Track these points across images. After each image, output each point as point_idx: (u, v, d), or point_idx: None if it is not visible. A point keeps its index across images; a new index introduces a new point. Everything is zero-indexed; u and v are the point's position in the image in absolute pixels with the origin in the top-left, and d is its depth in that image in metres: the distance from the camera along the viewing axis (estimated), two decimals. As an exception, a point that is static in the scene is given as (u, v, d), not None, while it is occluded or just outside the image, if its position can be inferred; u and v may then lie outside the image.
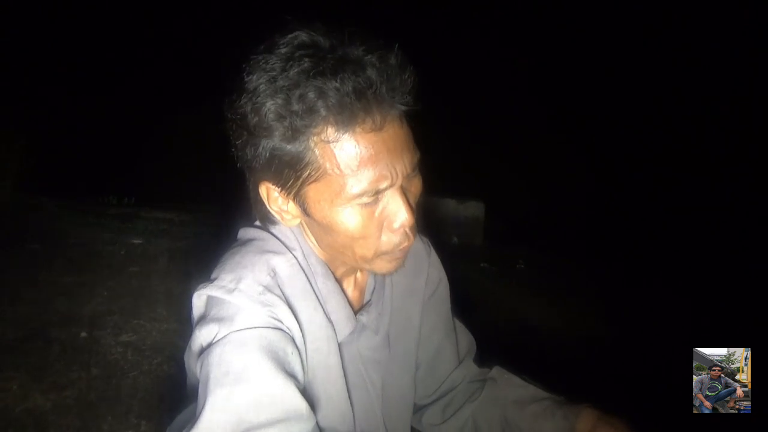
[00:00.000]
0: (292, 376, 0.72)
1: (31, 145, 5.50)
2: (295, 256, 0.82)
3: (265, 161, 0.73)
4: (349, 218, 0.74)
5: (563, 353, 2.84)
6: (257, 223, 0.88)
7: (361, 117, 0.69)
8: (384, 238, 0.77)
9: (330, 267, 0.86)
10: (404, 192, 0.75)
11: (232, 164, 0.81)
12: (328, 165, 0.71)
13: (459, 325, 1.11)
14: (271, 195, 0.79)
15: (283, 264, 0.81)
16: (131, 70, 7.49)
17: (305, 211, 0.77)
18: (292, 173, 0.73)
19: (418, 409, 1.10)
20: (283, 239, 0.84)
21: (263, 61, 0.70)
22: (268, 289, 0.76)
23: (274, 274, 0.79)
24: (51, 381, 2.41)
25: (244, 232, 0.88)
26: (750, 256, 4.00)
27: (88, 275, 3.59)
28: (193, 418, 0.68)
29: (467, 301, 1.15)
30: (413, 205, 0.77)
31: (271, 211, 0.80)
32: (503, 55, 7.30)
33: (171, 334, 2.92)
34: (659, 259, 4.39)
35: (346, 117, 0.68)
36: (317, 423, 0.75)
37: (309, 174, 0.72)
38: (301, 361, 0.77)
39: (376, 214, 0.75)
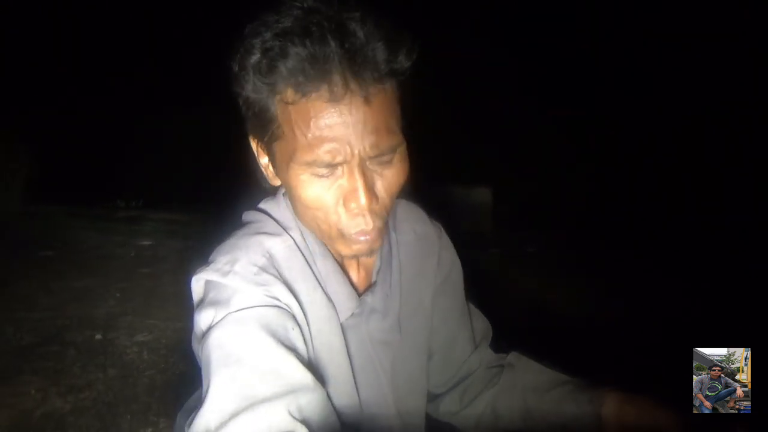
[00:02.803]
0: (294, 350, 0.72)
1: (37, 154, 5.55)
2: (292, 237, 0.82)
3: (245, 112, 0.75)
4: (303, 185, 0.73)
5: (575, 337, 2.83)
6: (260, 205, 0.88)
7: (317, 84, 0.67)
8: (341, 215, 0.74)
9: (330, 247, 0.84)
10: (365, 173, 0.72)
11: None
12: (286, 125, 0.71)
13: (474, 309, 1.08)
14: (257, 148, 0.81)
15: (278, 245, 0.80)
16: (134, 75, 7.49)
17: (277, 171, 0.78)
18: (261, 127, 0.74)
19: (435, 398, 1.07)
20: (280, 220, 0.84)
21: (262, 20, 0.72)
22: (263, 269, 0.76)
23: (269, 255, 0.79)
24: (69, 383, 2.43)
25: (246, 215, 0.88)
26: (750, 256, 3.96)
27: (101, 278, 3.63)
28: (200, 402, 0.68)
29: (479, 288, 1.14)
30: (381, 191, 0.74)
31: (260, 165, 0.82)
32: (507, 40, 7.23)
33: (185, 332, 2.93)
34: (659, 259, 4.34)
35: (303, 81, 0.67)
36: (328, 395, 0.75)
37: (273, 131, 0.73)
38: (304, 338, 0.77)
39: (332, 188, 0.73)
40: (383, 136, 0.70)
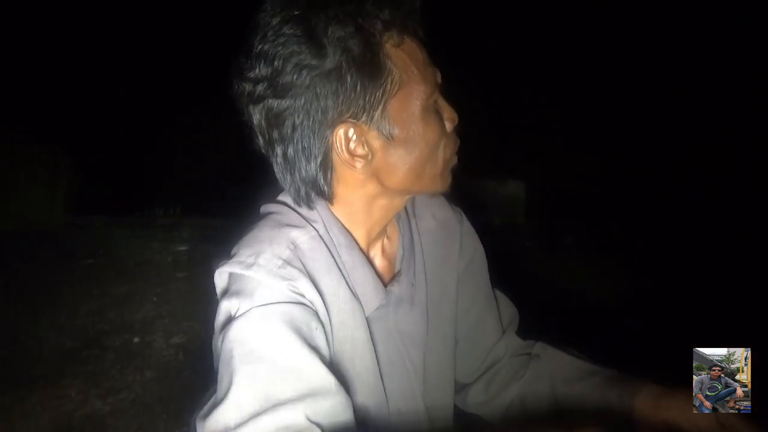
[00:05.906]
0: (317, 351, 0.70)
1: (78, 167, 5.73)
2: (315, 229, 0.79)
3: (349, 89, 0.70)
4: (430, 123, 0.75)
5: (610, 327, 2.75)
6: (279, 198, 0.85)
7: (412, 18, 0.73)
8: (448, 141, 0.79)
9: (355, 237, 0.82)
10: None
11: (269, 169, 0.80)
12: (404, 71, 0.72)
13: (500, 295, 1.05)
14: (347, 136, 0.74)
15: (303, 237, 0.77)
16: (169, 86, 7.67)
17: (390, 134, 0.74)
18: (376, 90, 0.71)
19: (462, 388, 1.04)
20: (302, 212, 0.81)
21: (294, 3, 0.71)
22: (288, 262, 0.73)
23: (294, 247, 0.75)
24: (108, 386, 2.49)
25: (265, 208, 0.85)
26: (750, 256, 3.81)
27: (139, 284, 3.71)
28: (218, 397, 0.66)
29: (514, 280, 1.10)
30: None
31: (343, 158, 0.75)
32: (537, 31, 7.11)
33: (219, 333, 2.98)
34: (661, 257, 4.20)
35: (403, 17, 0.71)
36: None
37: (391, 83, 0.72)
38: (326, 336, 0.74)
39: (439, 116, 0.77)
40: None
